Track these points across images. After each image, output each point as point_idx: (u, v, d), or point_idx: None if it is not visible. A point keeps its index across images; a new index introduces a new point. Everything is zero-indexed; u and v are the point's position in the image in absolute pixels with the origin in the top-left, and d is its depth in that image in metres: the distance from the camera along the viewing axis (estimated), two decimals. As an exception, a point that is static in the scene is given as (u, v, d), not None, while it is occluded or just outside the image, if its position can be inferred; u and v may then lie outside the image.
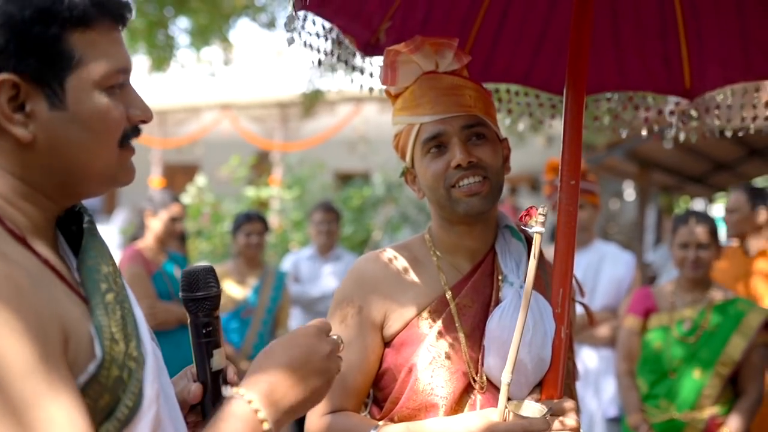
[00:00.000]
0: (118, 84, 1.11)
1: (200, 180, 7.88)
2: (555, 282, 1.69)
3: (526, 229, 1.52)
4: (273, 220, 8.37)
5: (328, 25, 1.91)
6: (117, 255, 4.16)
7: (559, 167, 1.78)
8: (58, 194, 1.12)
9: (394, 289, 1.72)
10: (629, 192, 15.45)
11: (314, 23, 1.87)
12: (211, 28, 7.60)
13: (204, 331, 1.32)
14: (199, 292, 1.32)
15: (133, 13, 1.22)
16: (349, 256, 5.41)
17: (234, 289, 4.62)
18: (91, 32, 1.07)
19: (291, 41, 1.76)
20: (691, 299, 3.46)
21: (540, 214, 1.50)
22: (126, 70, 1.13)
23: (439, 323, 1.68)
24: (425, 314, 1.70)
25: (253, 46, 14.26)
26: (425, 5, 2.02)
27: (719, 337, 3.32)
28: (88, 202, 1.25)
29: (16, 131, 1.04)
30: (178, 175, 16.06)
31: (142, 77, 8.63)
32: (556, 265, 1.69)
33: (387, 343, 1.72)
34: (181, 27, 7.81)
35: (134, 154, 1.19)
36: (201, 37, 7.91)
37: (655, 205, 14.38)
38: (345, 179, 12.11)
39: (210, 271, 1.36)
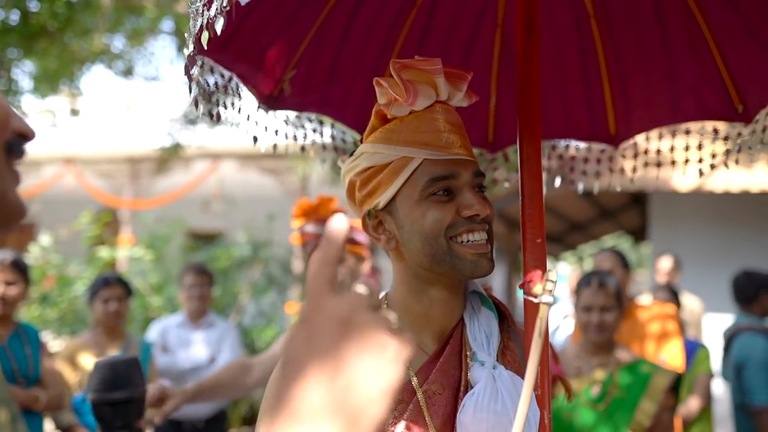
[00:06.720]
0: None
1: (44, 239, 7.09)
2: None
3: (532, 299, 1.24)
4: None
5: (227, 73, 1.64)
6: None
7: (521, 225, 1.53)
8: None
9: None
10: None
11: (212, 71, 1.59)
12: (60, 74, 6.94)
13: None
14: (119, 391, 0.96)
15: None
16: (222, 323, 4.91)
17: (91, 364, 4.01)
18: None
19: (191, 91, 1.48)
20: (597, 363, 3.34)
21: (548, 280, 1.22)
22: None
23: (406, 416, 1.36)
24: None
25: (103, 96, 13.50)
26: (333, 50, 1.78)
27: (628, 403, 3.20)
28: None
29: None
30: (11, 234, 14.78)
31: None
32: (529, 336, 1.42)
33: None
34: (25, 70, 7.09)
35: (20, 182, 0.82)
36: (48, 83, 7.22)
37: (505, 264, 14.77)
38: (199, 239, 11.53)
39: (134, 365, 1.00)
